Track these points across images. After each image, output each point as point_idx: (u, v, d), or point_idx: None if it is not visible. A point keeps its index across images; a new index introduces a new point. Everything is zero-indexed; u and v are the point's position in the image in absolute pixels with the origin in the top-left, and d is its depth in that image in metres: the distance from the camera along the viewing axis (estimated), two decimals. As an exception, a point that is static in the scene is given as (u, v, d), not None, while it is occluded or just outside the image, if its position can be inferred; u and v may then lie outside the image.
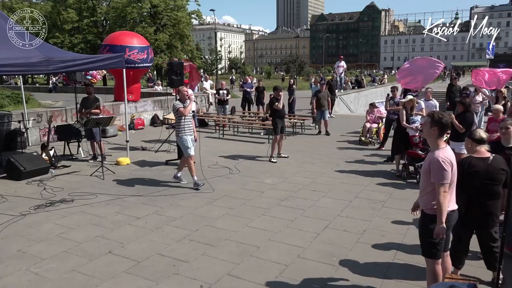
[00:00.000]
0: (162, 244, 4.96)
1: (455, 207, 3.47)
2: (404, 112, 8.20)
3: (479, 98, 11.62)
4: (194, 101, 7.84)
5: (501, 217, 4.28)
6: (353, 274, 4.24)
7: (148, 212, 6.07)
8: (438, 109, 10.01)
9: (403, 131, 8.19)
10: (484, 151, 3.91)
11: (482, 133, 3.95)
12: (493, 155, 3.93)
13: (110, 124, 9.63)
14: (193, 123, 7.48)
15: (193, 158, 7.42)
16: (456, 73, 54.82)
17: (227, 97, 14.77)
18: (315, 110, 13.38)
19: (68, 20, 38.48)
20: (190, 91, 7.50)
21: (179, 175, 7.59)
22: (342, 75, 24.40)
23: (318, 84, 14.91)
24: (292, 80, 18.82)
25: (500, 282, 3.63)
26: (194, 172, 7.31)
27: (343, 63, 23.89)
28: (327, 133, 12.83)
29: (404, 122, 8.09)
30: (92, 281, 4.10)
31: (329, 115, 13.52)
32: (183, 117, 7.22)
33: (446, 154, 3.32)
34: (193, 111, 11.04)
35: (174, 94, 11.15)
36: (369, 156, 9.84)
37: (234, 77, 47.76)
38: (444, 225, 3.27)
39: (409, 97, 8.53)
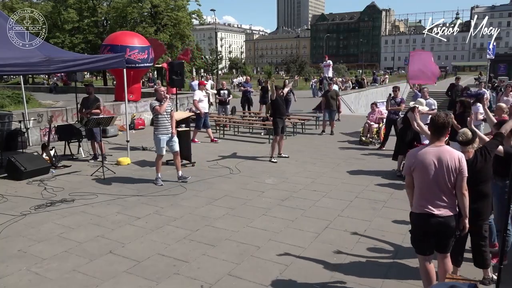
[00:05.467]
0: (162, 244, 4.96)
1: (430, 210, 3.37)
2: (414, 115, 8.08)
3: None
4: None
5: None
6: (353, 275, 4.23)
7: (148, 212, 6.07)
8: (436, 108, 10.00)
9: (406, 133, 8.14)
10: (470, 152, 3.82)
11: (462, 135, 3.79)
12: (479, 151, 3.84)
13: (110, 124, 9.65)
14: (169, 122, 7.54)
15: (160, 158, 7.58)
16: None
17: (229, 98, 14.73)
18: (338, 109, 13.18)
19: (68, 20, 38.47)
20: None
21: (180, 174, 7.69)
22: (330, 73, 23.44)
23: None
24: (287, 81, 15.97)
25: (494, 281, 3.62)
26: (159, 170, 7.56)
27: (329, 62, 22.23)
28: (332, 133, 12.85)
29: (416, 125, 8.00)
30: (92, 281, 4.10)
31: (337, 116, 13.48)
32: (159, 116, 7.38)
33: (417, 152, 3.42)
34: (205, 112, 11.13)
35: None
36: (370, 156, 9.84)
37: (235, 79, 44.53)
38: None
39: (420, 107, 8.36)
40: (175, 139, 7.65)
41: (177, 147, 7.67)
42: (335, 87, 14.85)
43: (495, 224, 4.33)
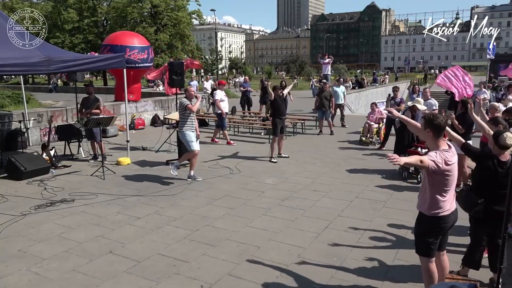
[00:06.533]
0: (162, 244, 4.96)
1: (453, 209, 3.44)
2: (411, 115, 8.09)
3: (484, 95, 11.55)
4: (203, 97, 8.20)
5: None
6: (353, 275, 4.23)
7: (148, 212, 6.07)
8: (437, 108, 10.00)
9: (403, 132, 8.17)
10: (506, 154, 3.77)
11: (508, 140, 3.67)
12: None
13: (110, 124, 9.64)
14: (196, 121, 7.75)
15: (197, 153, 7.66)
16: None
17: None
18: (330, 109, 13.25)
19: (68, 20, 38.54)
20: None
21: (192, 173, 7.72)
22: (328, 71, 22.16)
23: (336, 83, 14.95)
24: (284, 82, 14.26)
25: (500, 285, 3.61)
26: (194, 167, 7.68)
27: (328, 60, 21.79)
28: (331, 133, 12.85)
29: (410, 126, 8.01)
30: (92, 281, 4.10)
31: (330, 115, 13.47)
32: (188, 114, 7.52)
33: (447, 155, 3.28)
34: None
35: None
36: (370, 156, 9.84)
37: (236, 79, 43.51)
38: (403, 162, 3.14)
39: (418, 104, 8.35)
40: (198, 139, 7.79)
41: (198, 147, 7.81)
42: (342, 87, 14.85)
43: None
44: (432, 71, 71.94)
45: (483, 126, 4.76)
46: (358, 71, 73.15)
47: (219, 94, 11.41)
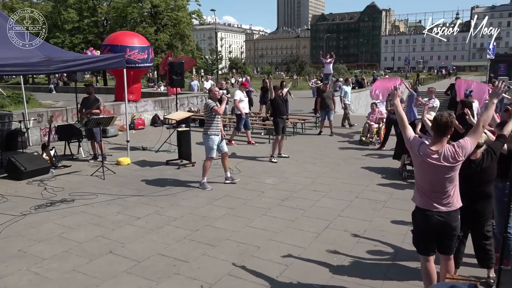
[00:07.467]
0: (162, 244, 4.96)
1: (437, 209, 3.34)
2: (420, 125, 8.08)
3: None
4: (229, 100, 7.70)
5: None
6: (353, 275, 4.23)
7: (148, 212, 6.07)
8: (437, 108, 9.99)
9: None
10: (478, 153, 3.82)
11: (480, 138, 3.73)
12: (485, 151, 3.85)
13: (110, 124, 9.65)
14: (221, 124, 7.39)
15: (210, 161, 7.32)
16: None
17: (227, 97, 14.64)
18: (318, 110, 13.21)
19: (68, 20, 38.54)
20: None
21: (228, 175, 7.43)
22: (330, 70, 21.81)
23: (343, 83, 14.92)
24: (284, 82, 14.00)
25: (493, 282, 3.62)
26: (207, 174, 7.29)
27: (330, 60, 20.72)
28: (331, 134, 12.79)
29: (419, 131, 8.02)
30: (92, 281, 4.10)
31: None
32: (214, 116, 7.14)
33: (424, 148, 3.30)
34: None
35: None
36: (370, 156, 9.84)
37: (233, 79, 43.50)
38: (396, 100, 3.83)
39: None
40: (223, 140, 7.49)
41: (226, 148, 7.52)
42: (348, 88, 14.83)
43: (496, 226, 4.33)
44: (433, 71, 71.90)
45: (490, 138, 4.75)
46: (357, 71, 73.12)
47: (238, 95, 11.26)
